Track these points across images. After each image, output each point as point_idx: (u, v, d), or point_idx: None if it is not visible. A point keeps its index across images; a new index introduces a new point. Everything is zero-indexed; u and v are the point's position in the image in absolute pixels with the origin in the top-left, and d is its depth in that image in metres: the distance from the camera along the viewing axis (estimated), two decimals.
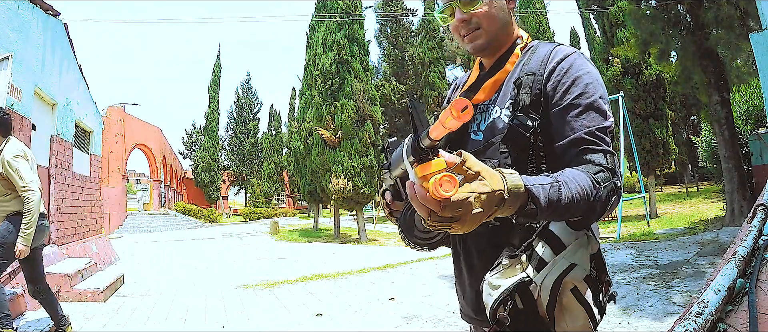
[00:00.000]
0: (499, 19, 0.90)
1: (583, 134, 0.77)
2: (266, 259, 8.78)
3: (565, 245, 0.76)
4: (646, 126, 11.70)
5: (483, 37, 0.90)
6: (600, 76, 0.84)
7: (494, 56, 0.94)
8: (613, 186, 0.73)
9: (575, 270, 0.73)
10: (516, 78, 0.86)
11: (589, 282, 0.74)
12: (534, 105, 0.82)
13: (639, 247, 6.38)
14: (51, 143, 5.95)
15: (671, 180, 24.78)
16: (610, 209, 0.74)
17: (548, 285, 0.73)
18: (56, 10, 6.05)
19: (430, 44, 19.65)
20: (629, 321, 3.20)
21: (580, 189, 0.69)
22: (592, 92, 0.80)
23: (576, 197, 0.68)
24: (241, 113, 35.91)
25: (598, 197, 0.70)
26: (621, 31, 11.89)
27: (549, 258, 0.74)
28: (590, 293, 0.74)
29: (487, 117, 0.91)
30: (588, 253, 0.76)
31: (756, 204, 1.55)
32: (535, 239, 0.77)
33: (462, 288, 0.99)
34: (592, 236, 0.79)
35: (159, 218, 21.03)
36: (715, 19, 6.83)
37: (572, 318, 0.73)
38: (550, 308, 0.73)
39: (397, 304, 4.37)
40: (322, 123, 12.35)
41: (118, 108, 19.29)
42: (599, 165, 0.75)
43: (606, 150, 0.77)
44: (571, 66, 0.82)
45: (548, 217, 0.68)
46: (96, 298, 4.82)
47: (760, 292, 1.07)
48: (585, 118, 0.78)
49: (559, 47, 0.87)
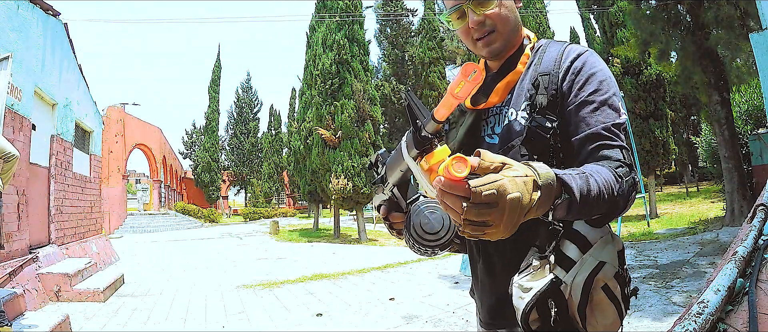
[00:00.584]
0: (511, 19, 0.88)
1: (599, 129, 0.76)
2: (266, 259, 8.78)
3: (591, 243, 0.75)
4: (646, 126, 11.69)
5: (499, 40, 0.87)
6: (612, 75, 0.83)
7: (503, 58, 0.93)
8: (633, 181, 0.72)
9: (606, 267, 0.73)
10: (534, 79, 0.84)
11: (618, 279, 0.74)
12: (551, 106, 0.81)
13: (639, 247, 6.38)
14: (51, 143, 5.95)
15: (671, 180, 24.77)
16: (630, 204, 0.73)
17: (579, 283, 0.72)
18: (56, 10, 6.05)
19: (430, 44, 19.64)
20: (629, 321, 3.20)
21: (605, 182, 0.68)
22: (606, 89, 0.79)
23: (602, 190, 0.66)
24: (241, 113, 35.91)
25: (621, 191, 0.70)
26: (621, 31, 11.89)
27: (577, 258, 0.74)
28: (619, 289, 0.74)
29: (501, 120, 0.89)
30: (615, 250, 0.76)
31: (756, 204, 1.55)
32: (561, 239, 0.75)
33: (480, 295, 0.96)
34: (615, 234, 0.79)
35: (159, 218, 21.03)
36: (715, 19, 6.83)
37: (603, 315, 0.73)
38: (582, 307, 0.72)
39: (397, 304, 4.37)
40: (322, 123, 12.35)
41: (118, 108, 19.29)
42: (618, 160, 0.74)
43: (622, 146, 0.76)
44: (584, 64, 0.82)
45: (580, 211, 0.65)
46: (96, 298, 4.82)
47: (760, 292, 1.07)
48: (600, 114, 0.78)
49: (571, 46, 0.86)
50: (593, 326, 0.73)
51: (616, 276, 0.74)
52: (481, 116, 0.93)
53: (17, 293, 3.81)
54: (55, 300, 4.72)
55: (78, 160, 7.09)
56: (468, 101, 0.94)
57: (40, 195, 5.58)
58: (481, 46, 0.89)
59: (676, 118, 15.72)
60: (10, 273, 4.11)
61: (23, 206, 4.73)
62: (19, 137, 4.69)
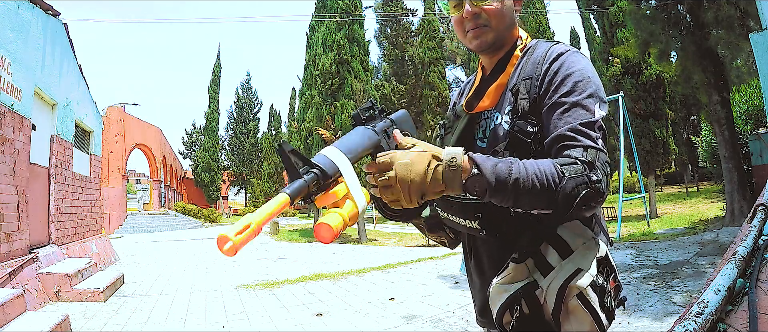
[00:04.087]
0: (507, 18, 0.88)
1: (565, 130, 0.75)
2: (266, 259, 8.78)
3: (572, 249, 0.75)
4: (646, 126, 11.70)
5: (490, 34, 0.88)
6: (593, 72, 0.81)
7: (495, 57, 0.93)
8: (586, 179, 0.68)
9: (581, 275, 0.73)
10: (513, 85, 0.86)
11: (595, 288, 0.73)
12: (533, 110, 0.81)
13: (639, 247, 6.38)
14: (51, 143, 5.95)
15: (671, 180, 24.76)
16: (581, 204, 0.68)
17: (554, 289, 0.73)
18: (56, 10, 6.05)
19: (430, 44, 19.63)
20: (629, 321, 3.20)
21: (539, 173, 0.67)
22: (580, 90, 0.78)
23: (533, 180, 0.67)
24: (241, 113, 35.93)
25: (561, 187, 0.67)
26: (621, 31, 11.90)
27: (556, 263, 0.75)
28: (596, 298, 0.73)
29: (490, 124, 0.89)
30: (595, 257, 0.76)
31: (756, 204, 1.55)
32: (543, 244, 0.76)
33: (473, 292, 1.00)
34: (601, 241, 0.79)
35: (159, 218, 21.03)
36: (715, 19, 6.83)
37: (578, 323, 0.73)
38: (556, 312, 0.73)
39: (397, 304, 4.37)
40: (322, 123, 12.35)
41: (118, 108, 19.29)
42: (574, 158, 0.71)
43: (587, 145, 0.73)
44: (561, 65, 0.81)
45: (502, 193, 0.68)
46: (96, 298, 4.82)
47: (760, 292, 1.07)
48: (569, 115, 0.76)
49: (555, 46, 0.86)
50: (568, 331, 0.73)
51: (592, 284, 0.73)
52: (475, 120, 0.94)
53: (18, 293, 3.81)
54: (55, 300, 4.72)
55: (78, 160, 7.09)
56: (464, 105, 0.96)
57: (40, 195, 5.58)
58: (470, 37, 0.89)
59: (676, 118, 15.70)
60: (10, 273, 4.11)
61: (23, 206, 4.73)
62: (19, 137, 4.69)
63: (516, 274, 0.76)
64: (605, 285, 0.75)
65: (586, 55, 0.85)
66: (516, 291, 0.74)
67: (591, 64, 0.83)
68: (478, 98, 0.94)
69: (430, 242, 10.73)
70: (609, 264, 0.78)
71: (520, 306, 0.74)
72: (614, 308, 0.78)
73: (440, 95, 20.08)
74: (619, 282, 0.81)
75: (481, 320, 0.97)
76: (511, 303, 0.75)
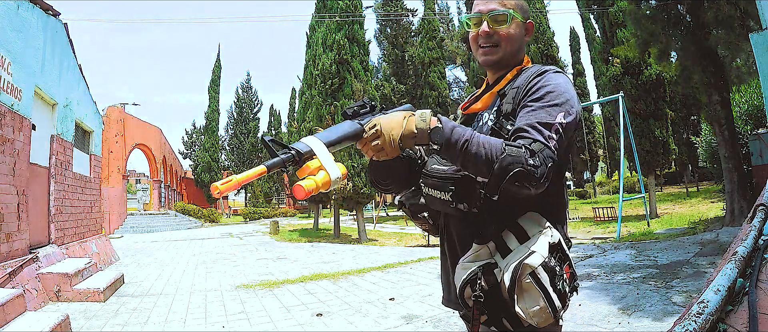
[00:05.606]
0: (516, 44, 1.03)
1: (523, 124, 0.86)
2: (266, 259, 8.78)
3: (529, 236, 0.87)
4: (646, 126, 11.70)
5: (497, 54, 1.03)
6: (569, 90, 0.92)
7: (497, 73, 1.07)
8: (523, 160, 0.78)
9: (534, 255, 0.83)
10: (502, 90, 1.01)
11: (546, 268, 0.82)
12: (514, 113, 0.94)
13: (639, 247, 6.38)
14: (51, 143, 5.95)
15: (671, 180, 24.77)
16: (513, 179, 0.78)
17: (510, 267, 0.84)
18: (56, 10, 6.05)
19: (430, 44, 19.63)
20: (629, 321, 3.20)
21: (486, 144, 0.82)
22: (549, 98, 0.89)
23: (479, 147, 0.81)
24: (241, 113, 35.92)
25: (500, 159, 0.79)
26: (621, 31, 11.90)
27: (514, 247, 0.87)
28: (547, 278, 0.82)
29: (480, 123, 1.06)
30: (547, 242, 0.86)
31: (756, 204, 1.55)
32: (505, 231, 0.90)
33: (445, 272, 1.08)
34: (556, 231, 0.89)
35: (159, 218, 21.03)
36: (715, 19, 6.83)
37: (531, 299, 0.82)
38: (511, 290, 0.83)
39: (397, 304, 4.37)
40: (322, 123, 12.34)
41: (118, 108, 19.29)
42: (521, 144, 0.81)
43: (536, 139, 0.82)
44: (542, 79, 0.94)
45: (454, 150, 0.83)
46: (96, 298, 4.82)
47: (760, 292, 1.07)
48: (532, 114, 0.88)
49: (544, 67, 0.99)
50: (522, 307, 0.82)
51: (543, 264, 0.82)
52: (471, 120, 1.11)
53: (18, 293, 3.81)
54: (55, 300, 4.72)
55: (78, 160, 7.09)
56: (461, 107, 1.15)
57: (40, 195, 5.58)
58: (481, 53, 1.04)
59: (676, 118, 15.71)
60: (10, 273, 4.11)
61: (23, 206, 4.73)
62: (19, 137, 4.69)
63: (479, 255, 0.90)
64: (557, 268, 0.84)
65: (569, 78, 0.98)
66: (476, 268, 0.87)
67: (571, 84, 0.95)
68: (473, 102, 1.11)
69: (430, 242, 10.73)
70: (562, 251, 0.88)
71: (480, 282, 0.86)
72: (568, 292, 0.87)
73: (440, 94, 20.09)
74: (574, 271, 0.91)
75: (447, 300, 1.08)
76: (472, 279, 0.87)
